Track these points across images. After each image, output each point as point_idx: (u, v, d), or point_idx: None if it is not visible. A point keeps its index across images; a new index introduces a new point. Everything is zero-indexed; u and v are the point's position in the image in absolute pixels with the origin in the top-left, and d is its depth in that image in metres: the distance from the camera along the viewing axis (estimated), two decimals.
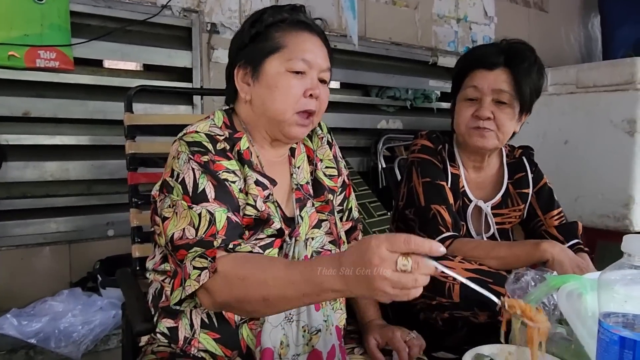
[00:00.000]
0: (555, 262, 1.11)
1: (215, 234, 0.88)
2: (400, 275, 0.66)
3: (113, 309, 1.69)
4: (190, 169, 0.92)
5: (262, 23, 1.01)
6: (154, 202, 1.04)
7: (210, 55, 2.36)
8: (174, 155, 0.97)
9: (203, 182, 0.91)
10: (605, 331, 0.57)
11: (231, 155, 0.98)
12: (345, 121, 2.84)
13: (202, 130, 0.98)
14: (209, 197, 0.91)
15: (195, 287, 0.85)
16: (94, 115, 2.08)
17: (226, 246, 0.88)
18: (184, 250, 0.89)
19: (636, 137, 1.88)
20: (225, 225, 0.90)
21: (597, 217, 1.99)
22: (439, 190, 1.31)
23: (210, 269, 0.85)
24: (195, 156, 0.94)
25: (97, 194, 2.12)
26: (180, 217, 0.90)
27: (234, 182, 0.95)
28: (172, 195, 0.93)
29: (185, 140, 0.96)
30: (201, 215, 0.89)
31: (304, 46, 1.00)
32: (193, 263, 0.87)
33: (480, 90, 1.28)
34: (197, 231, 0.88)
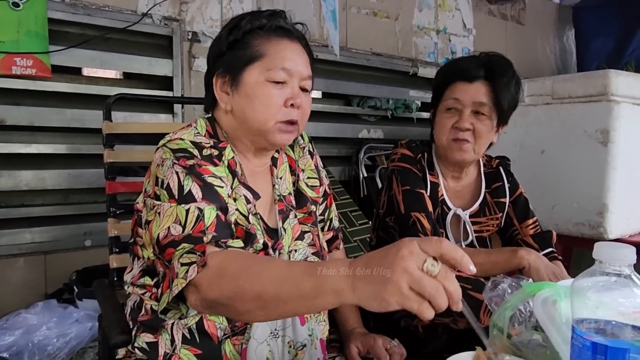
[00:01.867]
0: (531, 269, 1.13)
1: (205, 230, 0.83)
2: (423, 275, 0.58)
3: (89, 321, 1.66)
4: (174, 172, 0.88)
5: (239, 30, 0.98)
6: (136, 214, 1.01)
7: (191, 63, 2.36)
8: (158, 163, 0.92)
9: (188, 183, 0.87)
10: (578, 337, 0.58)
11: (218, 162, 0.95)
12: (326, 130, 2.86)
13: (186, 137, 0.95)
14: (196, 197, 0.86)
15: (183, 285, 0.79)
16: (71, 123, 2.06)
17: (217, 242, 0.83)
18: (172, 248, 0.83)
19: (609, 147, 1.93)
20: (215, 222, 0.85)
21: (573, 225, 2.03)
22: (418, 198, 1.32)
23: (198, 263, 0.78)
24: (180, 160, 0.90)
25: (74, 204, 2.09)
26: (164, 216, 0.85)
27: (222, 187, 0.91)
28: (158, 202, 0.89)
29: (169, 147, 0.93)
30: (189, 211, 0.84)
31: (284, 54, 0.97)
32: (181, 260, 0.80)
33: (461, 102, 1.31)
34: (184, 228, 0.83)
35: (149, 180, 0.95)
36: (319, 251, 1.08)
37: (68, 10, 2.02)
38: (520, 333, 0.81)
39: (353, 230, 2.31)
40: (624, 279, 0.57)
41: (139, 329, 0.98)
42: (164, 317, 0.94)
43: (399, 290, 0.59)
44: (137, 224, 1.00)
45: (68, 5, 2.02)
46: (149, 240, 0.92)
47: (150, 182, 0.93)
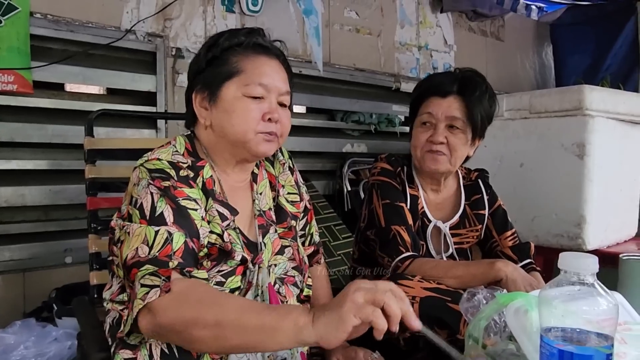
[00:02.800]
0: (508, 281, 1.15)
1: (171, 255, 0.84)
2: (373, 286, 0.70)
3: (69, 340, 1.63)
4: (149, 193, 0.89)
5: (218, 47, 0.99)
6: (111, 232, 1.00)
7: (175, 79, 2.37)
8: (134, 182, 0.93)
9: (161, 205, 0.88)
10: (546, 345, 0.60)
11: (193, 183, 0.95)
12: (311, 145, 2.88)
13: (164, 157, 0.95)
14: (167, 221, 0.87)
15: (140, 306, 0.79)
16: (53, 139, 2.05)
17: (182, 270, 0.84)
18: (135, 268, 0.83)
19: (585, 160, 1.97)
20: (182, 248, 0.86)
21: (552, 236, 2.06)
22: (398, 211, 1.34)
23: (162, 288, 0.79)
24: (155, 181, 0.91)
25: (54, 220, 2.07)
26: (133, 236, 0.86)
27: (195, 210, 0.92)
28: (128, 222, 0.90)
29: (146, 167, 0.94)
30: (158, 232, 0.85)
31: (262, 70, 0.98)
32: (142, 281, 0.81)
33: (435, 117, 1.34)
34: (151, 249, 0.84)
35: (124, 199, 0.96)
36: (299, 265, 1.09)
37: (51, 26, 2.02)
38: (495, 343, 0.83)
39: (337, 244, 2.31)
40: (588, 287, 0.59)
41: (117, 345, 0.97)
42: (127, 340, 0.92)
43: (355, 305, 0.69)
44: (112, 242, 1.00)
45: (51, 22, 2.02)
46: (120, 257, 0.92)
47: (126, 201, 0.94)
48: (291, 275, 1.07)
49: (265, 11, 2.63)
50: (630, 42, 3.96)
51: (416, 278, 1.20)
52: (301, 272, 1.09)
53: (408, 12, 3.41)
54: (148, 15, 2.27)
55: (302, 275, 1.10)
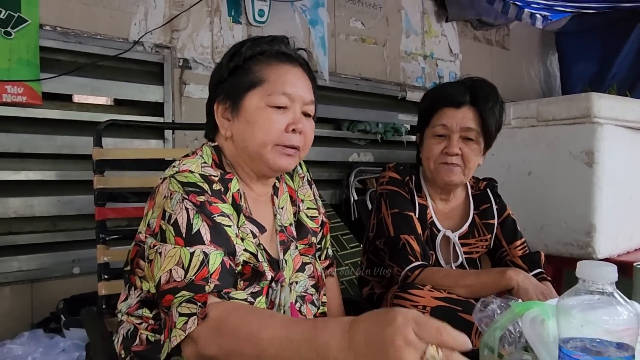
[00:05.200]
0: (520, 290, 1.13)
1: (208, 278, 0.80)
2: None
3: (77, 351, 1.62)
4: (184, 208, 0.85)
5: (240, 56, 0.96)
6: (138, 245, 0.97)
7: (182, 90, 2.38)
8: (164, 194, 0.89)
9: (198, 222, 0.84)
10: (565, 356, 0.59)
11: (226, 198, 0.92)
12: (317, 154, 2.88)
13: (195, 170, 0.91)
14: (205, 239, 0.83)
15: (182, 337, 0.75)
16: (61, 150, 2.06)
17: (219, 292, 0.80)
18: (171, 295, 0.79)
19: (594, 167, 1.96)
20: (219, 269, 0.81)
21: (562, 245, 2.04)
22: (407, 220, 1.33)
23: (199, 315, 0.75)
24: (190, 196, 0.86)
25: (62, 231, 2.07)
26: (166, 257, 0.82)
27: (230, 227, 0.88)
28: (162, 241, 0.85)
29: (178, 179, 0.89)
30: (193, 254, 0.81)
31: (285, 79, 0.95)
32: (179, 309, 0.77)
33: (449, 128, 1.33)
34: (187, 272, 0.80)
35: (152, 211, 0.92)
36: (317, 282, 1.07)
37: (60, 38, 2.04)
38: (511, 353, 0.81)
39: (344, 254, 2.30)
40: (607, 296, 0.58)
41: (132, 359, 0.96)
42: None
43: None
44: (139, 255, 0.97)
45: (60, 34, 2.04)
46: (150, 275, 0.90)
47: (155, 214, 0.90)
48: (310, 294, 1.06)
49: (272, 22, 2.65)
50: (636, 50, 3.95)
51: (426, 287, 1.19)
52: (318, 290, 1.08)
53: (413, 21, 3.42)
54: (155, 27, 2.29)
55: (319, 293, 1.08)
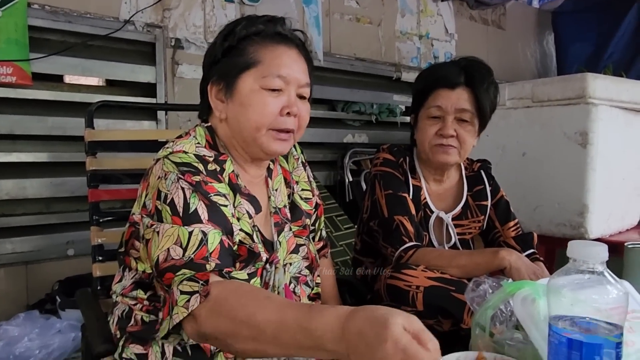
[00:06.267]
0: (512, 269, 1.15)
1: (208, 257, 0.80)
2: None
3: (73, 332, 1.63)
4: (180, 188, 0.84)
5: (234, 36, 0.94)
6: (132, 226, 0.97)
7: (175, 70, 2.35)
8: (159, 175, 0.88)
9: (194, 201, 0.84)
10: (554, 334, 0.59)
11: (222, 177, 0.92)
12: (311, 136, 2.86)
13: (190, 150, 0.91)
14: (202, 218, 0.83)
15: (184, 315, 0.76)
16: (53, 131, 2.03)
17: (220, 271, 0.80)
18: (171, 273, 0.79)
19: (588, 148, 1.96)
20: (218, 248, 0.81)
21: (555, 226, 2.05)
22: (401, 201, 1.33)
23: (202, 293, 0.76)
24: (185, 176, 0.86)
25: (56, 213, 2.06)
26: (164, 236, 0.82)
27: (226, 207, 0.88)
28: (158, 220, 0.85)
29: (172, 160, 0.89)
30: (192, 233, 0.81)
31: (280, 61, 0.93)
32: (180, 287, 0.77)
33: (444, 110, 1.32)
34: (185, 251, 0.80)
35: (146, 192, 0.91)
36: (311, 264, 1.08)
37: (49, 17, 2.00)
38: (502, 332, 0.83)
39: (339, 235, 2.31)
40: (597, 276, 0.59)
41: (127, 339, 0.96)
42: (165, 342, 0.91)
43: None
44: (134, 236, 0.96)
45: (49, 13, 2.00)
46: (146, 256, 0.90)
47: (150, 195, 0.89)
48: (304, 275, 1.06)
49: (265, 0, 2.60)
50: (632, 30, 3.92)
51: (420, 268, 1.20)
52: (312, 272, 1.08)
53: (409, 0, 3.37)
54: (147, 6, 2.24)
55: (313, 274, 1.09)
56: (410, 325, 0.58)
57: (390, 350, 0.56)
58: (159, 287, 0.86)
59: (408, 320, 0.59)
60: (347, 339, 0.61)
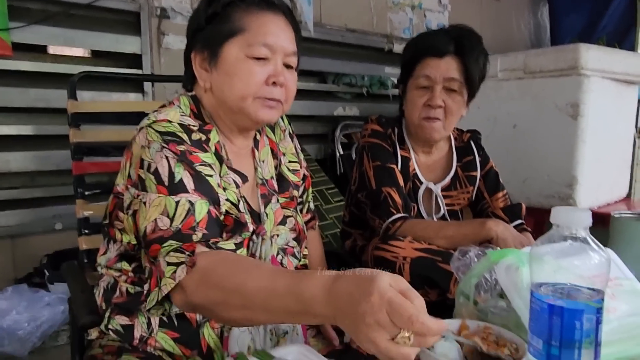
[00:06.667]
0: (499, 240, 1.15)
1: (195, 227, 0.79)
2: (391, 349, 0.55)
3: (62, 305, 1.62)
4: (164, 157, 0.83)
5: (219, 2, 0.91)
6: (116, 197, 0.96)
7: (161, 40, 2.29)
8: (142, 144, 0.86)
9: (180, 171, 0.82)
10: (536, 300, 0.59)
11: (207, 147, 0.90)
12: (302, 108, 2.83)
13: (173, 119, 0.89)
14: (188, 188, 0.82)
15: (172, 286, 0.75)
16: (36, 103, 1.99)
17: (207, 241, 0.79)
18: (158, 244, 0.79)
19: (579, 120, 1.96)
20: (206, 218, 0.81)
21: (544, 197, 2.06)
22: (389, 173, 1.32)
23: (188, 264, 0.75)
24: (169, 145, 0.84)
25: (41, 186, 2.03)
26: (151, 206, 0.80)
27: (211, 176, 0.86)
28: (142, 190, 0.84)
29: (155, 128, 0.87)
30: (179, 203, 0.80)
31: (266, 29, 0.91)
32: (167, 258, 0.77)
33: (432, 79, 1.30)
34: (172, 221, 0.79)
35: (130, 162, 0.90)
36: (299, 236, 1.07)
37: None
38: (486, 300, 0.83)
39: (329, 208, 2.31)
40: (580, 242, 0.58)
41: (113, 310, 0.96)
42: (148, 313, 0.91)
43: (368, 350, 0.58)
44: (118, 207, 0.95)
45: None
46: (131, 227, 0.89)
47: (134, 164, 0.88)
48: (291, 246, 1.05)
49: None
50: (627, 2, 3.88)
51: (407, 239, 1.20)
52: (299, 243, 1.08)
53: None
54: None
55: (300, 246, 1.08)
56: (396, 283, 0.58)
57: (375, 302, 0.55)
58: (145, 258, 0.85)
59: (394, 279, 0.58)
60: (335, 300, 0.61)
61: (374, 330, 0.55)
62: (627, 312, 0.71)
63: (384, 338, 0.55)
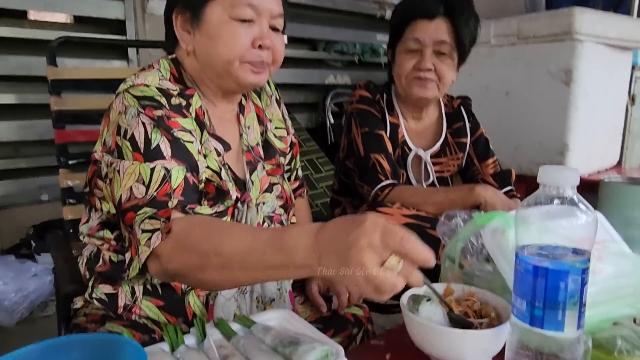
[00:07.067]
0: (487, 205, 1.14)
1: (171, 194, 0.77)
2: (379, 274, 0.54)
3: (49, 275, 1.62)
4: (140, 123, 0.81)
5: None
6: (94, 164, 0.94)
7: (145, 5, 2.21)
8: (119, 110, 0.84)
9: (156, 137, 0.80)
10: (520, 262, 0.58)
11: (187, 113, 0.87)
12: (292, 77, 2.78)
13: (152, 83, 0.86)
14: (165, 154, 0.79)
15: (147, 254, 0.74)
16: (17, 71, 1.93)
17: (183, 207, 0.77)
18: (132, 212, 0.77)
19: (572, 86, 1.93)
20: (182, 185, 0.79)
21: (535, 165, 2.05)
22: (377, 139, 1.30)
23: (163, 230, 0.73)
24: (146, 110, 0.82)
25: (26, 157, 2.00)
26: (125, 174, 0.79)
27: (191, 143, 0.84)
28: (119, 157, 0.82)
29: (132, 93, 0.84)
30: (154, 170, 0.78)
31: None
32: (142, 226, 0.75)
33: (422, 42, 1.27)
34: (148, 188, 0.77)
35: (107, 128, 0.88)
36: (286, 203, 1.05)
37: None
38: (472, 264, 0.82)
39: (319, 177, 2.29)
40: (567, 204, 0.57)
41: (96, 279, 0.95)
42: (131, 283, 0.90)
43: (355, 283, 0.56)
44: (96, 175, 0.93)
45: None
46: (110, 195, 0.87)
47: (110, 131, 0.86)
48: (278, 214, 1.04)
49: None
50: None
51: (395, 205, 1.19)
52: (287, 211, 1.06)
53: None
54: None
55: (287, 214, 1.07)
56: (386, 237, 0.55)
57: (368, 226, 0.55)
58: (123, 227, 0.84)
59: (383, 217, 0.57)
60: (319, 245, 0.59)
61: (366, 253, 0.54)
62: (613, 274, 0.71)
63: (375, 262, 0.54)
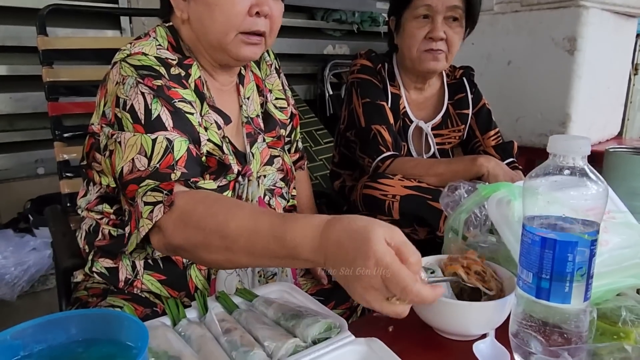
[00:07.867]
0: (490, 176, 1.13)
1: (173, 165, 0.75)
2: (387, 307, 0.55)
3: (47, 249, 1.61)
4: (139, 93, 0.78)
5: None
6: (92, 137, 0.92)
7: None
8: (117, 80, 0.81)
9: (157, 107, 0.78)
10: (527, 233, 0.57)
11: (187, 83, 0.85)
12: (289, 47, 2.72)
13: (150, 52, 0.84)
14: (167, 125, 0.77)
15: (149, 226, 0.72)
16: (6, 41, 1.88)
17: (186, 181, 0.76)
18: (135, 184, 0.75)
19: (576, 55, 1.89)
20: (185, 156, 0.77)
21: (536, 136, 2.03)
22: (379, 110, 1.28)
23: (165, 203, 0.72)
24: (145, 80, 0.79)
25: (21, 130, 1.96)
26: (127, 146, 0.77)
27: (192, 114, 0.82)
28: (120, 129, 0.79)
29: (130, 62, 0.81)
30: (156, 141, 0.76)
31: None
32: (144, 198, 0.74)
33: (434, 9, 1.22)
34: (150, 160, 0.75)
35: (104, 100, 0.85)
36: (286, 176, 1.04)
37: None
38: (475, 236, 0.81)
39: (318, 149, 2.27)
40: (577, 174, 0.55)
41: (96, 253, 0.94)
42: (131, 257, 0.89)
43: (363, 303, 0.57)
44: (94, 148, 0.91)
45: None
46: (109, 169, 0.85)
47: (109, 103, 0.83)
48: (279, 187, 1.03)
49: None
50: None
51: (397, 177, 1.17)
52: (287, 183, 1.05)
53: None
54: None
55: (288, 187, 1.06)
56: (392, 238, 0.54)
57: (371, 267, 0.53)
58: (124, 200, 0.82)
59: (390, 233, 0.54)
60: (325, 248, 0.58)
61: (369, 293, 0.54)
62: (619, 244, 0.70)
63: (379, 299, 0.54)
